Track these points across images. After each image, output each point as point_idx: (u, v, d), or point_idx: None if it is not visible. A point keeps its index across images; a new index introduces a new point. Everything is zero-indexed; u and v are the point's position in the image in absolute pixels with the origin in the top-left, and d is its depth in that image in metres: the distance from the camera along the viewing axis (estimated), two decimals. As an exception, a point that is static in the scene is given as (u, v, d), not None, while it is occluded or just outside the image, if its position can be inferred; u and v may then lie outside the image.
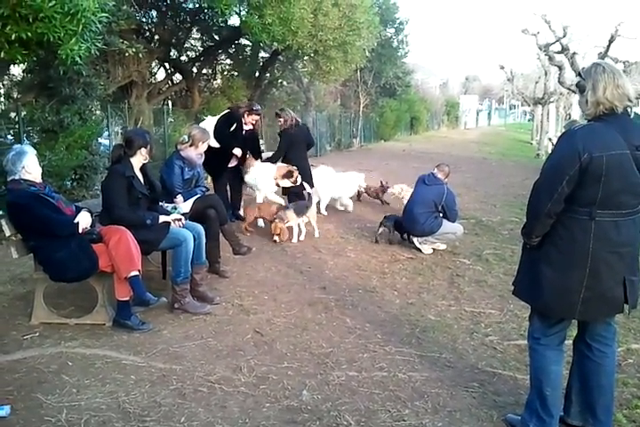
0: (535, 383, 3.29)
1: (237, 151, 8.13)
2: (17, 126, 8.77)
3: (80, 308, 5.04)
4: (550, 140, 12.06)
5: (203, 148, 6.29)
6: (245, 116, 8.19)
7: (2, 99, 11.36)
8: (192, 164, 6.21)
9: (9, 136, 8.78)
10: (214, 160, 8.11)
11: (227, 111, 8.58)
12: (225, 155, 8.16)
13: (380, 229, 7.75)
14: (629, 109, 3.07)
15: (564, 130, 3.39)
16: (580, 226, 2.99)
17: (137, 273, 4.64)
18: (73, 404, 3.57)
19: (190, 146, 6.18)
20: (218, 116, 8.38)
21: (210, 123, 8.15)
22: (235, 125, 8.12)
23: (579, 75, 3.11)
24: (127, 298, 4.73)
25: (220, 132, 7.96)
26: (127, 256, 4.59)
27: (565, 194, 2.94)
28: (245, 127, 8.26)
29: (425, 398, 3.77)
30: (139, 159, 5.10)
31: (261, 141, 9.25)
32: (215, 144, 7.81)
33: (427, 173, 7.62)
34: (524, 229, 3.21)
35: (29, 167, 4.54)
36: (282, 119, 8.53)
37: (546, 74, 28.26)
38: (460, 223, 7.91)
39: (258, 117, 8.42)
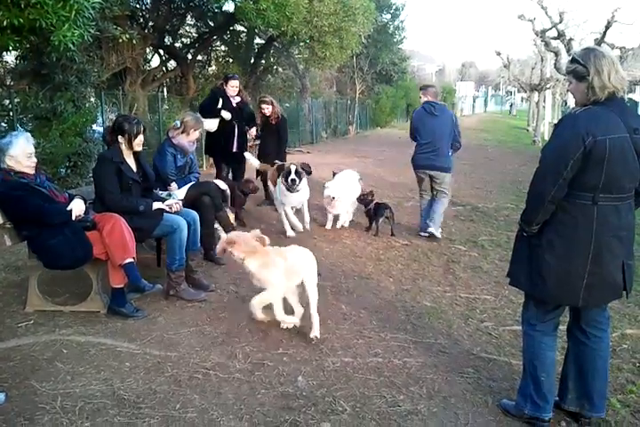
0: (529, 369, 3.30)
1: (226, 115, 8.09)
2: (10, 114, 8.71)
3: (75, 295, 5.03)
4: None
5: (194, 135, 6.21)
6: (225, 87, 8.18)
7: (-5, 86, 11.28)
8: (184, 151, 6.16)
9: (2, 123, 8.73)
10: (215, 145, 8.12)
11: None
12: (227, 138, 8.13)
13: (381, 220, 7.66)
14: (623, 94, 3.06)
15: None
16: (582, 211, 2.98)
17: (131, 260, 4.62)
18: (67, 391, 3.56)
19: (182, 133, 6.12)
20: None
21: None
22: (221, 101, 8.12)
23: (573, 61, 3.05)
24: (122, 285, 4.72)
25: (203, 108, 8.06)
26: (121, 243, 4.58)
27: (569, 178, 2.92)
28: (234, 101, 8.22)
29: (420, 384, 3.77)
30: (124, 146, 5.06)
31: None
32: (212, 128, 7.81)
33: (422, 104, 7.44)
34: (523, 216, 3.16)
35: (12, 160, 4.46)
36: (270, 107, 8.49)
37: (542, 60, 28.14)
38: (455, 210, 7.94)
39: (236, 82, 8.26)
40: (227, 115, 8.09)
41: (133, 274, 4.65)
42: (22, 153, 4.51)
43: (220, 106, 8.10)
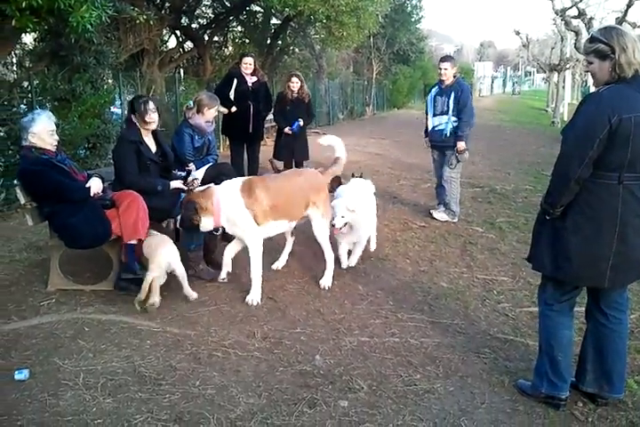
0: (546, 349, 3.31)
1: (232, 109, 8.05)
2: (29, 95, 8.75)
3: (95, 274, 5.10)
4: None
5: (210, 114, 6.15)
6: (241, 67, 8.10)
7: (14, 68, 11.34)
8: (202, 131, 6.15)
9: (22, 105, 8.78)
10: (232, 125, 8.12)
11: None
12: (243, 119, 8.12)
13: None
14: None
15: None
16: (608, 191, 2.96)
17: (135, 242, 4.64)
18: (90, 368, 3.64)
19: (197, 112, 6.11)
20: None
21: None
22: (235, 81, 8.07)
23: (594, 40, 3.00)
24: None
25: (217, 92, 7.94)
26: (133, 222, 4.60)
27: (594, 158, 2.90)
28: (249, 80, 8.13)
29: (436, 364, 3.81)
30: (140, 125, 5.11)
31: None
32: (224, 111, 7.80)
33: (462, 79, 7.40)
34: (548, 198, 3.12)
35: (35, 137, 4.55)
36: (300, 82, 8.42)
37: (562, 40, 27.75)
38: (473, 191, 7.93)
39: (250, 60, 8.12)
40: (232, 109, 8.07)
41: (131, 256, 4.65)
42: (44, 130, 4.58)
43: (233, 87, 8.06)
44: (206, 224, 4.76)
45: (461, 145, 7.14)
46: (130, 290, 4.72)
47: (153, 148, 5.18)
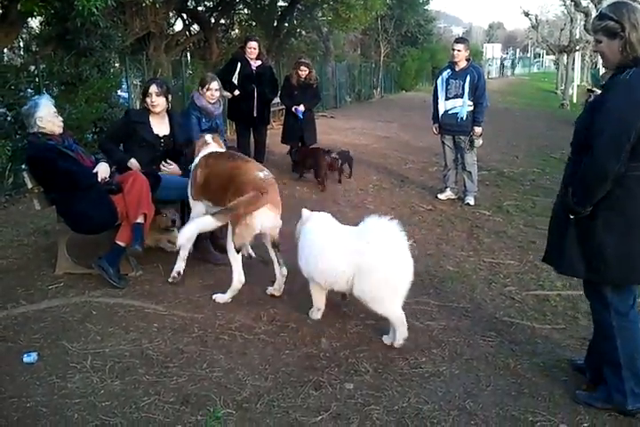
0: (627, 364, 3.03)
1: (235, 92, 8.07)
2: (36, 79, 8.74)
3: (103, 259, 5.11)
4: (592, 91, 10.76)
5: (213, 86, 6.07)
6: (245, 51, 8.11)
7: (21, 52, 11.32)
8: (209, 114, 6.14)
9: (29, 89, 8.77)
10: (236, 109, 8.10)
11: None
12: (247, 103, 8.10)
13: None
14: None
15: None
16: (639, 183, 2.82)
17: (142, 221, 4.62)
18: (97, 351, 3.67)
19: (202, 88, 6.08)
20: None
21: None
22: (239, 65, 8.07)
23: (603, 17, 2.84)
24: (124, 244, 4.66)
25: (219, 77, 7.94)
26: (137, 200, 4.59)
27: (629, 151, 2.73)
28: (253, 64, 8.14)
29: (442, 347, 3.83)
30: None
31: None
32: (228, 95, 7.79)
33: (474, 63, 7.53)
34: (579, 199, 2.89)
35: (43, 120, 4.56)
36: (308, 70, 8.40)
37: (572, 21, 27.45)
38: (480, 175, 7.91)
39: (254, 44, 8.12)
40: (235, 93, 8.08)
41: (137, 235, 4.61)
42: (49, 113, 4.63)
43: (237, 71, 8.04)
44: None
45: (479, 130, 7.16)
46: (105, 271, 4.61)
47: (162, 131, 5.22)
